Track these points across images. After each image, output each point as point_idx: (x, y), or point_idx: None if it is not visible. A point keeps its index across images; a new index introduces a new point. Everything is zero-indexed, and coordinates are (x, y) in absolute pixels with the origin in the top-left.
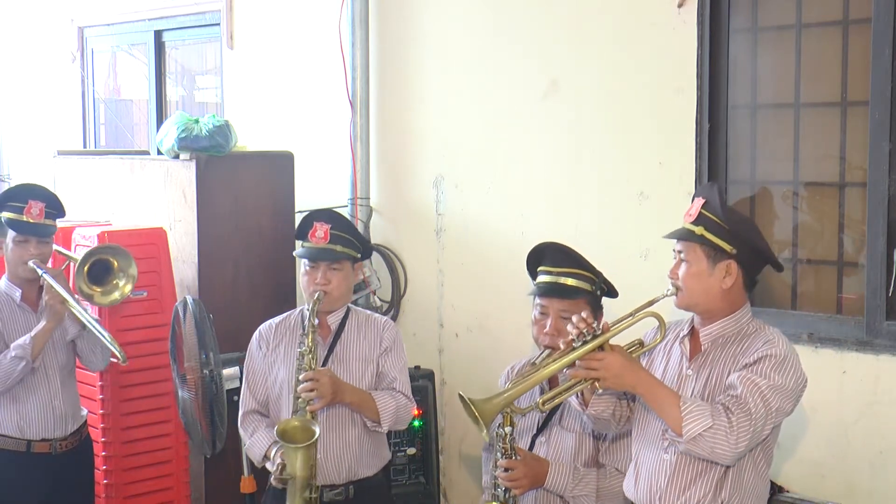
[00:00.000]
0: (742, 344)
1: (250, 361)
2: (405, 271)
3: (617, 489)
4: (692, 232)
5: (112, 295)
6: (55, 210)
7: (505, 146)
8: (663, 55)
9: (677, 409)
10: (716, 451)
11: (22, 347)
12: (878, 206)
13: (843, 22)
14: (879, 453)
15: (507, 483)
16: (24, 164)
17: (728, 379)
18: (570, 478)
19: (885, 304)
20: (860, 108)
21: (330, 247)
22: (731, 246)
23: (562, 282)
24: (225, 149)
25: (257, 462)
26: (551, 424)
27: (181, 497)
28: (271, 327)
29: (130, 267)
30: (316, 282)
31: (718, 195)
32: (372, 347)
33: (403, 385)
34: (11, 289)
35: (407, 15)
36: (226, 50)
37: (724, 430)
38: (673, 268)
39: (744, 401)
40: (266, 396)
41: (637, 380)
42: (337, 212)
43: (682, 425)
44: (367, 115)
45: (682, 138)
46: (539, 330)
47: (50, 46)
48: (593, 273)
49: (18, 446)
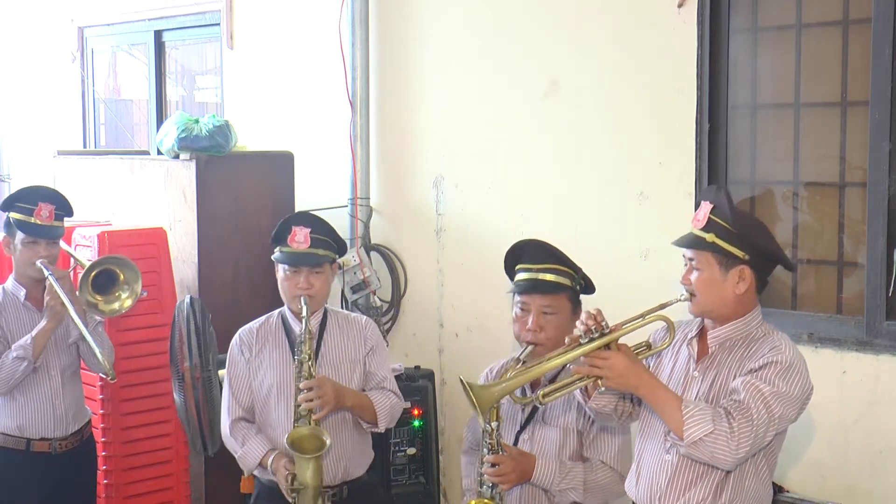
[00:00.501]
0: (749, 348)
1: (233, 368)
2: (405, 271)
3: (602, 482)
4: (703, 239)
5: (112, 305)
6: (64, 211)
7: (505, 146)
8: (663, 55)
9: (679, 413)
10: (716, 456)
11: (23, 348)
12: (878, 206)
13: (843, 22)
14: (879, 453)
15: (495, 478)
16: (24, 164)
17: (732, 383)
18: (556, 472)
19: (885, 304)
20: (860, 108)
21: (312, 251)
22: (744, 252)
23: (542, 278)
24: (225, 149)
25: (248, 471)
26: (535, 420)
27: (181, 497)
28: (252, 332)
29: (136, 283)
30: (300, 287)
31: (727, 199)
32: (357, 348)
33: (392, 383)
34: (17, 288)
35: (407, 15)
36: (226, 50)
37: (725, 435)
38: (685, 274)
39: (746, 407)
40: (251, 402)
41: (639, 381)
42: (313, 214)
43: (683, 429)
44: (367, 115)
45: (682, 138)
46: (521, 326)
47: (50, 46)
48: (573, 269)
49: (18, 445)
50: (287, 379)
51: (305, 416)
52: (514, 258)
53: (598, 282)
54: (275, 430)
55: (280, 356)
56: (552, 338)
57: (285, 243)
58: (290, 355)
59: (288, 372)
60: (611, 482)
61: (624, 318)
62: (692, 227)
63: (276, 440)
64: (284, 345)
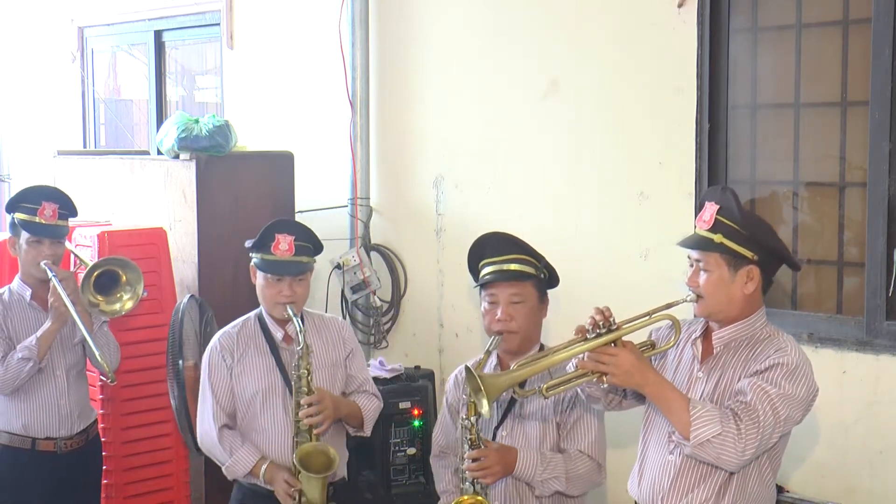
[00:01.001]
0: (754, 349)
1: (215, 374)
2: (405, 271)
3: (582, 471)
4: (711, 240)
5: (113, 306)
6: (68, 211)
7: (505, 146)
8: (663, 55)
9: (686, 413)
10: (722, 458)
11: (28, 349)
12: (878, 206)
13: (843, 22)
14: (879, 453)
15: (478, 473)
16: (24, 164)
17: (737, 385)
18: (538, 463)
19: (885, 304)
20: (860, 108)
21: (296, 259)
22: (752, 252)
23: (507, 268)
24: (225, 149)
25: (234, 478)
26: (512, 415)
27: (181, 497)
28: (232, 337)
29: (138, 285)
30: (284, 295)
31: (735, 200)
32: (336, 350)
33: (372, 386)
34: (23, 288)
35: (407, 15)
36: (226, 50)
37: (733, 437)
38: (691, 276)
39: (753, 408)
40: (233, 408)
41: (645, 380)
42: (295, 221)
43: (690, 430)
44: (367, 115)
45: (682, 138)
46: (491, 318)
47: (50, 46)
48: (535, 257)
49: (23, 444)
50: (274, 385)
51: (306, 431)
52: (477, 254)
53: (598, 282)
54: (261, 435)
55: (263, 361)
56: (522, 326)
57: (268, 251)
58: (272, 360)
59: (273, 377)
60: (590, 471)
61: (623, 317)
62: (697, 229)
63: (262, 446)
64: (266, 349)
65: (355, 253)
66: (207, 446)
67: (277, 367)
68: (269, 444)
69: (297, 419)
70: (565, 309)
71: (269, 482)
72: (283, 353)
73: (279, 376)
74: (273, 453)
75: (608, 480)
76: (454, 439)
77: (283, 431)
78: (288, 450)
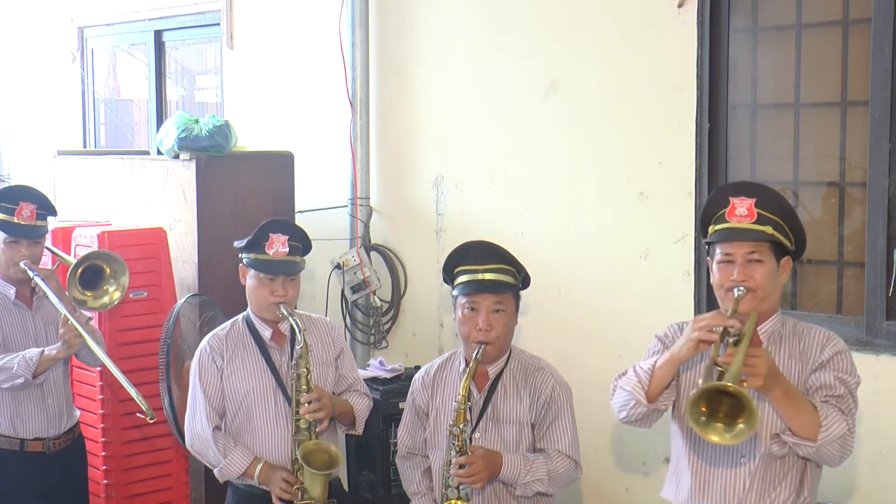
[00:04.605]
0: (801, 340)
1: (205, 375)
2: (405, 271)
3: (562, 470)
4: (764, 232)
5: (101, 300)
6: (46, 210)
7: (505, 146)
8: (663, 55)
9: (814, 414)
10: (843, 455)
11: (27, 367)
12: (878, 206)
13: (843, 22)
14: (879, 453)
15: (466, 479)
16: (24, 164)
17: (816, 379)
18: (522, 466)
19: (885, 304)
20: (860, 108)
21: (291, 259)
22: (791, 242)
23: (491, 278)
24: (225, 149)
25: (226, 480)
26: (486, 418)
27: (181, 497)
28: (221, 339)
29: (123, 276)
30: (277, 295)
31: (772, 191)
32: (327, 350)
33: (363, 385)
34: (6, 287)
35: (407, 15)
36: (226, 50)
37: (851, 433)
38: (742, 270)
39: (846, 401)
40: (224, 410)
41: (779, 382)
42: (287, 220)
43: (819, 430)
44: (367, 115)
45: (682, 138)
46: (471, 327)
47: (50, 46)
48: (516, 267)
49: (12, 445)
50: (266, 386)
51: (306, 429)
52: (455, 260)
53: (597, 281)
54: (255, 436)
55: (254, 363)
56: (502, 336)
57: (262, 250)
58: (263, 361)
59: (265, 378)
60: (568, 470)
61: (623, 317)
62: (734, 223)
63: (256, 447)
64: (256, 351)
65: (355, 253)
66: (199, 448)
67: (268, 367)
68: (263, 444)
69: (297, 417)
70: (565, 309)
71: (263, 483)
72: (272, 353)
73: (270, 377)
74: (267, 453)
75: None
76: (421, 440)
77: (277, 431)
78: (283, 449)
